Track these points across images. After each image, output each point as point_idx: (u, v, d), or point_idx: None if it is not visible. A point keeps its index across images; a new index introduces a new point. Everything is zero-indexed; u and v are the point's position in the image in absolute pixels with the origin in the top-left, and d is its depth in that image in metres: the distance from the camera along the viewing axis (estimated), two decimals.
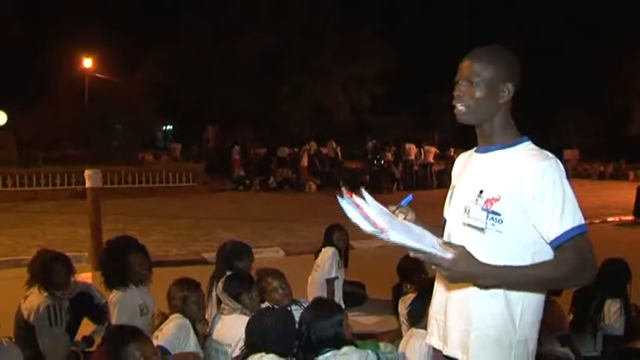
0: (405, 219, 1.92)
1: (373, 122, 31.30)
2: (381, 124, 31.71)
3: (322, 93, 26.72)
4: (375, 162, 19.32)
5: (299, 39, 25.75)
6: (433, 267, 1.75)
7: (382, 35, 26.40)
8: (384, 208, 1.71)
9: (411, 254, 1.72)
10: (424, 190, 18.68)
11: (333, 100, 27.29)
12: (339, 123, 27.60)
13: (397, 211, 1.96)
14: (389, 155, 20.07)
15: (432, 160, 20.55)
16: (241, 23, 24.69)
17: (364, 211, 1.59)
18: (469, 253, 1.75)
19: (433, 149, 21.12)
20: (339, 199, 1.63)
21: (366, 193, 1.65)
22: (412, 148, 20.77)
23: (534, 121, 30.10)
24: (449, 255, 1.69)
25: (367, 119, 30.47)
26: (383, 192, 17.53)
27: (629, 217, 13.36)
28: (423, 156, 20.58)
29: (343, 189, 1.65)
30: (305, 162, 20.04)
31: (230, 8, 24.99)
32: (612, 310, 4.07)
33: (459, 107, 2.00)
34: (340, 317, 3.04)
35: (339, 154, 22.26)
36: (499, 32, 32.00)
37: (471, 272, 1.74)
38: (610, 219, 13.16)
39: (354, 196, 1.64)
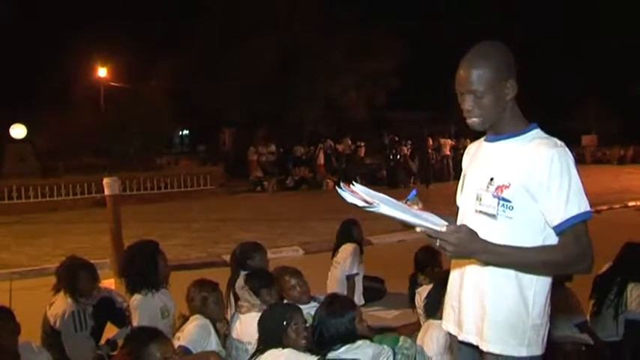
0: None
1: (389, 117, 31.20)
2: (397, 119, 31.59)
3: (336, 90, 26.68)
4: (392, 157, 19.27)
5: (312, 36, 25.73)
6: (438, 244, 1.81)
7: (395, 30, 26.29)
8: (381, 194, 1.85)
9: (418, 229, 1.83)
10: (441, 183, 18.64)
11: (348, 97, 27.26)
12: (355, 119, 27.55)
13: (408, 203, 1.99)
14: (405, 150, 20.03)
15: (448, 153, 20.52)
16: (254, 23, 24.74)
17: (358, 194, 1.79)
18: (471, 229, 1.83)
19: (449, 142, 21.08)
20: (337, 190, 1.80)
21: (358, 185, 1.83)
22: (429, 142, 20.76)
23: (552, 108, 29.91)
24: (454, 233, 1.78)
25: (383, 115, 30.38)
26: (400, 187, 17.52)
27: None
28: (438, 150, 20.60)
29: (341, 183, 1.85)
30: (321, 160, 20.07)
31: (242, 9, 25.04)
32: (635, 294, 4.03)
33: (473, 119, 2.03)
34: (353, 314, 3.08)
35: (362, 150, 22.15)
36: (513, 22, 31.72)
37: (473, 248, 1.82)
38: (631, 203, 12.98)
39: (350, 185, 1.82)
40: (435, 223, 1.81)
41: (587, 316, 4.21)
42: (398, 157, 19.16)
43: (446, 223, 1.81)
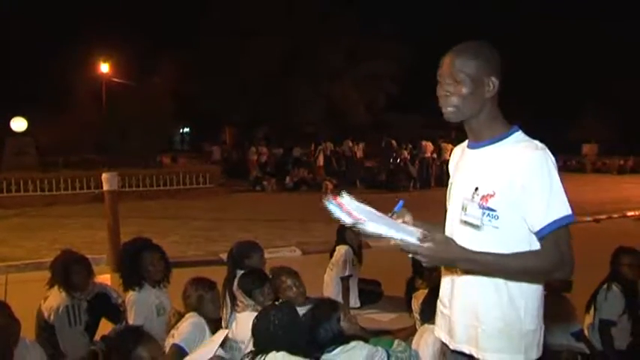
0: (402, 222, 1.93)
1: (389, 120, 31.20)
2: (397, 122, 31.58)
3: (337, 92, 26.71)
4: (392, 160, 19.25)
5: (313, 38, 25.76)
6: (410, 256, 1.81)
7: (395, 33, 26.29)
8: (367, 207, 1.82)
9: (392, 243, 1.79)
10: (441, 188, 18.61)
11: (348, 100, 27.28)
12: (355, 122, 27.58)
13: (394, 216, 1.95)
14: (405, 153, 20.00)
15: (448, 157, 20.42)
16: (256, 25, 24.76)
17: (345, 207, 1.77)
18: (448, 238, 1.81)
19: (450, 146, 20.96)
20: (325, 202, 1.78)
21: (346, 195, 1.81)
22: (428, 146, 20.68)
23: (552, 116, 29.88)
24: (426, 244, 1.76)
25: (383, 118, 30.40)
26: (400, 190, 17.50)
27: None
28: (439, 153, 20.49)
29: (329, 193, 1.83)
30: (321, 162, 20.05)
31: (245, 10, 25.07)
32: (602, 292, 4.07)
33: (447, 107, 1.99)
34: (337, 315, 3.07)
35: (361, 152, 22.10)
36: (514, 28, 31.72)
37: (448, 257, 1.81)
38: (630, 213, 12.95)
39: (337, 198, 1.81)
40: (410, 234, 1.77)
41: (584, 325, 4.20)
42: (398, 160, 19.12)
43: (418, 234, 1.77)
